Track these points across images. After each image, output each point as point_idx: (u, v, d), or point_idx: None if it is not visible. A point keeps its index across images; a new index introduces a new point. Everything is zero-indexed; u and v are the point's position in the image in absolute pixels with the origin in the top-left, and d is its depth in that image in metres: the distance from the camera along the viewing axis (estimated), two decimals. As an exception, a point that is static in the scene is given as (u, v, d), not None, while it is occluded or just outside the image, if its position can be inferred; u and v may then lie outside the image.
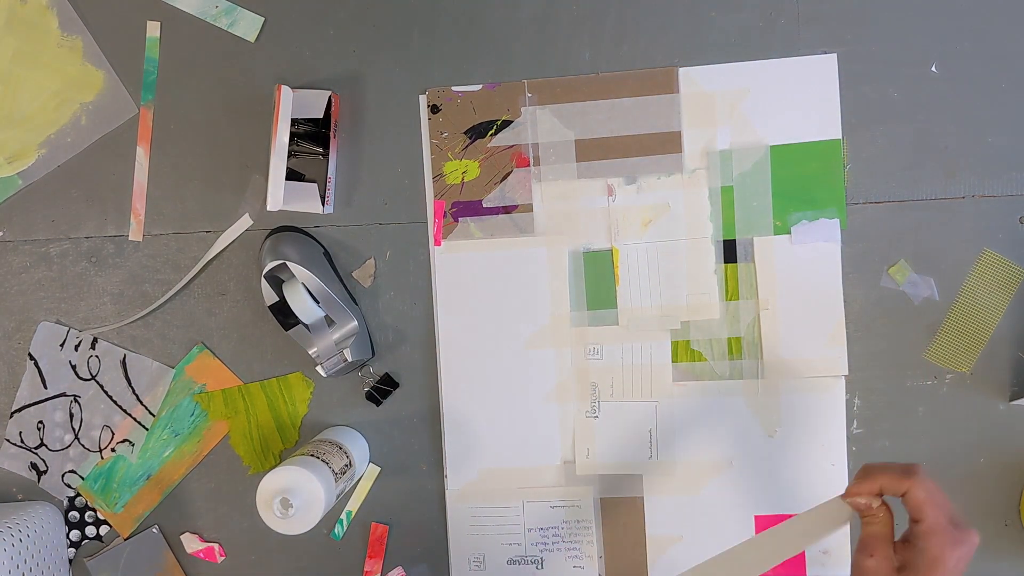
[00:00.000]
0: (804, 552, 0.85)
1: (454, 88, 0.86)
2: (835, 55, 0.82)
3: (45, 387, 0.90)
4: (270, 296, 0.83)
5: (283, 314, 0.83)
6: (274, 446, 0.89)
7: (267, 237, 0.86)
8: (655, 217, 0.85)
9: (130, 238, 0.89)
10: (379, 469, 0.88)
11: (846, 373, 0.84)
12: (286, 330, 0.84)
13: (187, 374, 0.89)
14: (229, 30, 0.87)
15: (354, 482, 0.87)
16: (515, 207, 0.86)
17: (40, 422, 0.90)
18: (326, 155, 0.85)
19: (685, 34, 0.84)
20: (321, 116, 0.84)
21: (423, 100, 0.86)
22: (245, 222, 0.88)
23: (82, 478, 0.90)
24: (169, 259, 0.89)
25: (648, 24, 0.84)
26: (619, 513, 0.86)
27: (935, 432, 0.84)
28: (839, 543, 0.85)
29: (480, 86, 0.85)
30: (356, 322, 0.83)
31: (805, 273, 0.83)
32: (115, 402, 0.90)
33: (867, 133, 0.83)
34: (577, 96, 0.85)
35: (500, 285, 0.86)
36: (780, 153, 0.83)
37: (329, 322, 0.83)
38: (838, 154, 0.83)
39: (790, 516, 0.85)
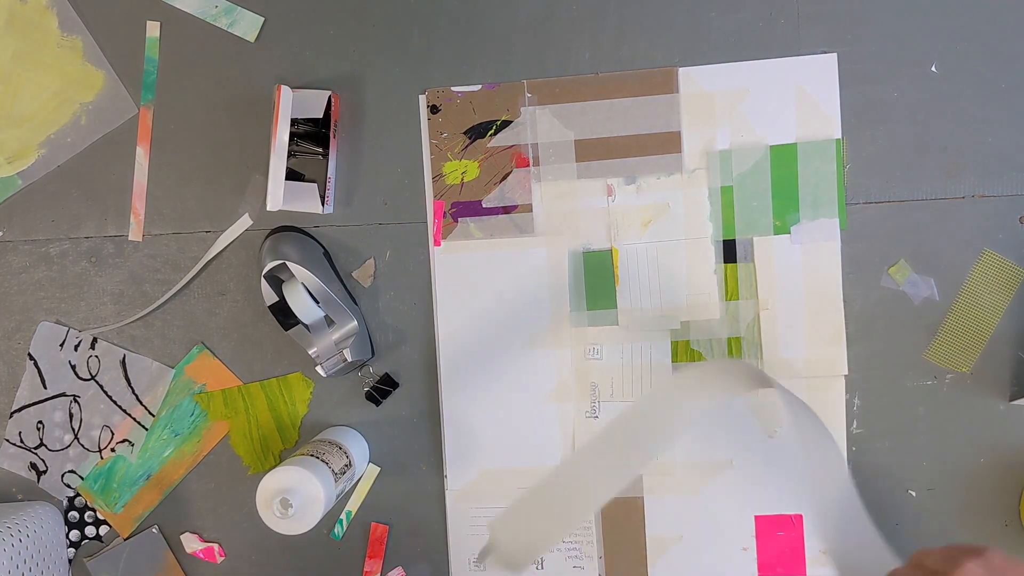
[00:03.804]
0: (804, 552, 0.85)
1: (454, 88, 0.86)
2: (835, 55, 0.82)
3: (45, 387, 0.90)
4: (270, 296, 0.83)
5: (283, 314, 0.83)
6: (274, 446, 0.89)
7: (267, 237, 0.86)
8: (655, 217, 0.85)
9: (130, 238, 0.89)
10: (379, 469, 0.88)
11: (846, 373, 0.84)
12: (286, 330, 0.84)
13: (187, 374, 0.89)
14: (229, 30, 0.87)
15: (354, 482, 0.87)
16: (515, 207, 0.86)
17: (40, 422, 0.90)
18: (326, 155, 0.85)
19: (685, 34, 0.84)
20: (321, 116, 0.84)
21: (423, 100, 0.86)
22: (245, 222, 0.88)
23: (82, 478, 0.90)
24: (169, 259, 0.89)
25: (648, 24, 0.84)
26: (619, 513, 0.86)
27: (935, 432, 0.84)
28: (839, 543, 0.85)
29: (480, 86, 0.85)
30: (356, 322, 0.83)
31: (805, 273, 0.83)
32: (115, 402, 0.90)
33: (867, 133, 0.83)
34: (577, 96, 0.85)
35: (500, 285, 0.86)
36: (780, 153, 0.83)
37: (329, 322, 0.83)
38: (838, 154, 0.83)
39: (790, 516, 0.85)
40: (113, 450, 0.90)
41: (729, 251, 0.84)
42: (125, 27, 0.88)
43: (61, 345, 0.90)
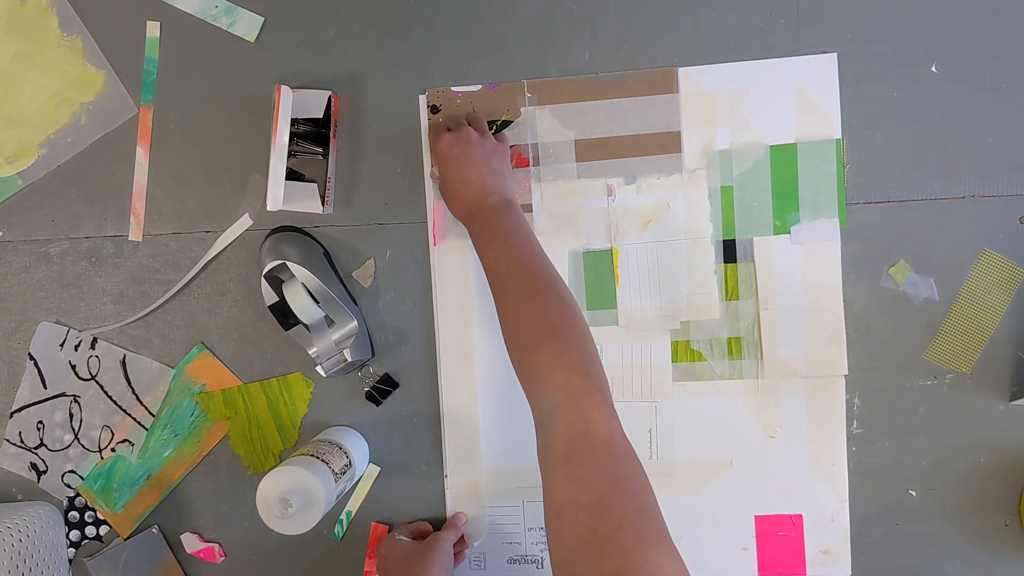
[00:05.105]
0: (804, 552, 0.85)
1: (454, 88, 0.86)
2: (835, 55, 0.82)
3: (45, 387, 0.90)
4: (270, 296, 0.83)
5: (283, 314, 0.83)
6: (274, 446, 0.89)
7: (267, 237, 0.86)
8: (655, 217, 0.85)
9: (130, 238, 0.89)
10: (379, 469, 0.88)
11: (846, 373, 0.84)
12: (286, 330, 0.84)
13: (187, 374, 0.89)
14: (229, 30, 0.87)
15: (354, 482, 0.87)
16: (515, 207, 0.86)
17: (40, 422, 0.90)
18: (326, 155, 0.85)
19: (685, 34, 0.84)
20: (321, 116, 0.84)
21: (423, 100, 0.86)
22: (245, 222, 0.88)
23: (82, 478, 0.90)
24: (169, 259, 0.89)
25: (648, 24, 0.84)
26: (619, 513, 0.86)
27: (935, 432, 0.84)
28: (839, 542, 0.85)
29: (480, 86, 0.85)
30: (356, 322, 0.83)
31: (805, 273, 0.83)
32: (115, 402, 0.90)
33: (867, 133, 0.83)
34: (577, 96, 0.85)
35: (500, 285, 0.86)
36: (780, 153, 0.83)
37: (329, 322, 0.83)
38: (838, 154, 0.83)
39: (790, 516, 0.85)
40: (113, 450, 0.90)
41: (729, 251, 0.84)
42: (125, 27, 0.88)
43: (61, 345, 0.90)
